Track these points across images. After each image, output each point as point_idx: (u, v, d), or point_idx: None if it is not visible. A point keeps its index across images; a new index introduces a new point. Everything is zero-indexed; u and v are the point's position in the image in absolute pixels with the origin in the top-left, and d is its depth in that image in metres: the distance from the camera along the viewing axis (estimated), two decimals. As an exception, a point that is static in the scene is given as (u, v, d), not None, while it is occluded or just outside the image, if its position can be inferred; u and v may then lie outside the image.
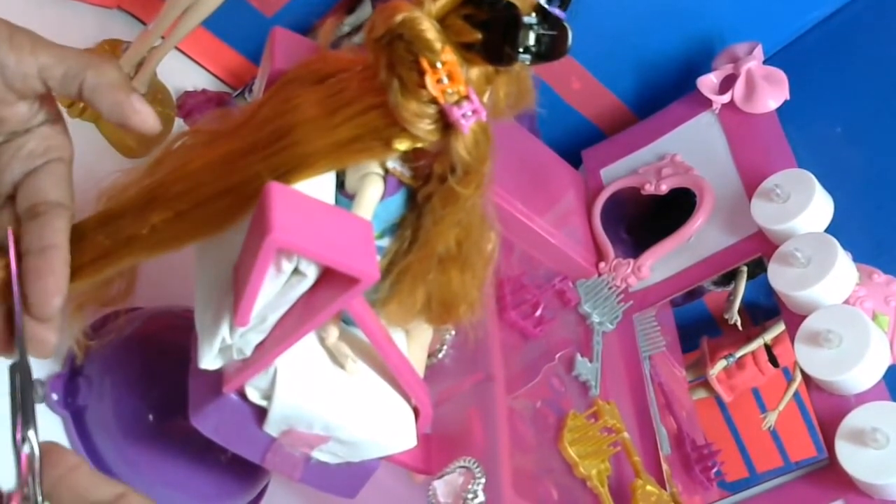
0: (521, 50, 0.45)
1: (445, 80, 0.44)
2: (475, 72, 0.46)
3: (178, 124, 0.85)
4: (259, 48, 0.62)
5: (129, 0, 0.88)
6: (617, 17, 0.92)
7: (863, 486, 0.67)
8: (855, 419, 0.68)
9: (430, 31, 0.44)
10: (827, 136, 0.89)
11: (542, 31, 0.45)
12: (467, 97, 0.45)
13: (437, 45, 0.44)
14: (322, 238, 0.42)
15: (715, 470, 0.88)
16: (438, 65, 0.44)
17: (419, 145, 0.47)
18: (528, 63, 0.45)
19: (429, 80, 0.44)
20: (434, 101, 0.45)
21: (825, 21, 0.93)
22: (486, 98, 0.47)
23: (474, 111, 0.45)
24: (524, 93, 0.50)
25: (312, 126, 0.47)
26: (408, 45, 0.44)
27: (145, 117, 0.46)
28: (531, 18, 0.45)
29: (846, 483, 0.68)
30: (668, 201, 0.91)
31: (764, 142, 0.86)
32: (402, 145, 0.47)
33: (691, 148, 0.91)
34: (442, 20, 0.45)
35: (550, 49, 0.45)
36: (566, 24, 0.45)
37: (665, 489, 0.75)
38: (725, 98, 0.88)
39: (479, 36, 0.45)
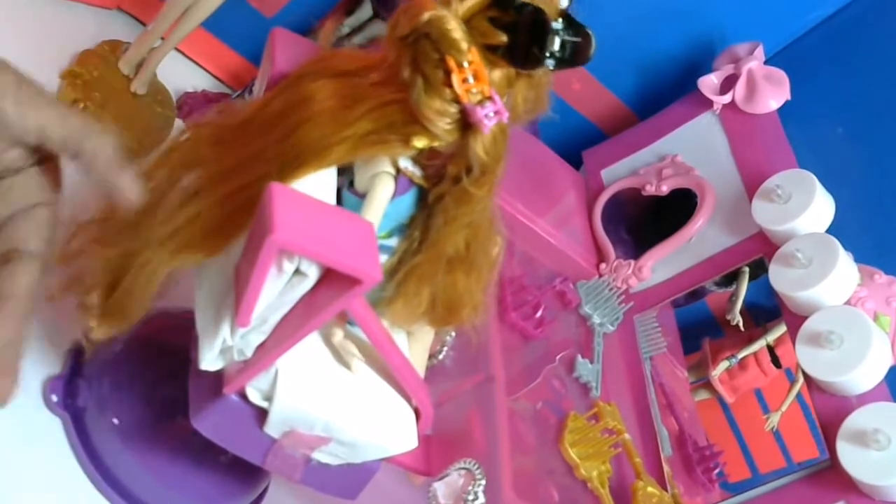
0: (546, 54, 0.45)
1: (471, 80, 0.45)
2: (497, 74, 0.46)
3: (179, 126, 0.85)
4: (259, 49, 0.62)
5: (129, 1, 0.88)
6: (617, 18, 0.92)
7: (864, 487, 0.67)
8: (856, 420, 0.68)
9: (456, 30, 0.44)
10: (828, 137, 0.89)
11: (567, 38, 0.45)
12: (490, 98, 0.45)
13: (464, 45, 0.44)
14: (324, 238, 0.42)
15: (717, 471, 0.88)
16: (465, 64, 0.44)
17: (436, 144, 0.47)
18: (551, 68, 0.46)
19: (455, 78, 0.45)
20: (457, 100, 0.45)
21: (826, 21, 0.93)
22: (504, 101, 0.47)
23: (497, 112, 0.46)
24: (541, 98, 0.50)
25: (329, 117, 0.47)
26: (434, 44, 0.45)
27: (130, 195, 0.45)
28: (558, 24, 0.45)
29: (848, 484, 0.68)
30: (669, 202, 0.91)
31: (765, 142, 0.86)
32: (421, 143, 0.47)
33: (692, 148, 0.91)
34: (468, 21, 0.45)
35: (574, 55, 0.46)
36: (590, 31, 0.46)
37: (666, 490, 0.75)
38: (726, 98, 0.88)
39: (504, 38, 0.45)
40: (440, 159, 0.50)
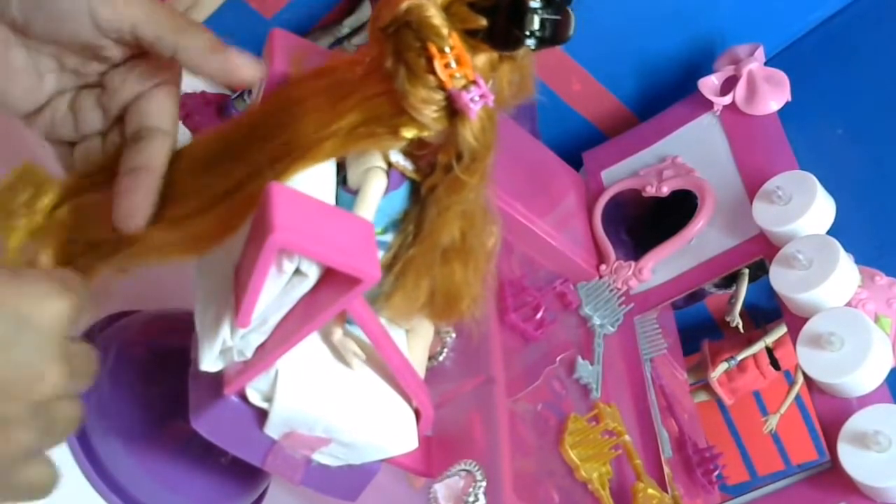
0: (526, 34, 0.45)
1: (454, 65, 0.45)
2: (481, 59, 0.46)
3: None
4: (258, 50, 0.62)
5: (128, 1, 0.88)
6: (618, 19, 0.92)
7: (865, 489, 0.67)
8: (857, 422, 0.68)
9: (436, 17, 0.45)
10: (828, 138, 0.89)
11: (546, 16, 0.45)
12: (475, 82, 0.45)
13: (444, 31, 0.45)
14: (324, 238, 0.42)
15: (716, 473, 0.88)
16: (447, 49, 0.45)
17: (425, 134, 0.47)
18: (532, 48, 0.46)
19: (437, 64, 0.44)
20: (442, 86, 0.45)
21: (826, 22, 0.93)
22: (489, 86, 0.47)
23: (482, 96, 0.46)
24: (526, 81, 0.50)
25: (317, 114, 0.47)
26: (415, 33, 0.45)
27: (248, 69, 0.47)
28: (536, 3, 0.45)
29: (848, 486, 0.68)
30: (670, 203, 0.91)
31: (765, 143, 0.86)
32: (409, 133, 0.47)
33: (692, 150, 0.91)
34: (446, 8, 0.45)
35: (554, 33, 0.46)
36: (570, 9, 0.46)
37: (666, 492, 0.74)
38: (727, 100, 0.88)
39: (483, 22, 0.45)
40: (430, 150, 0.50)
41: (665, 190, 0.90)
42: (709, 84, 0.89)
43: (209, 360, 0.48)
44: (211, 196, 0.47)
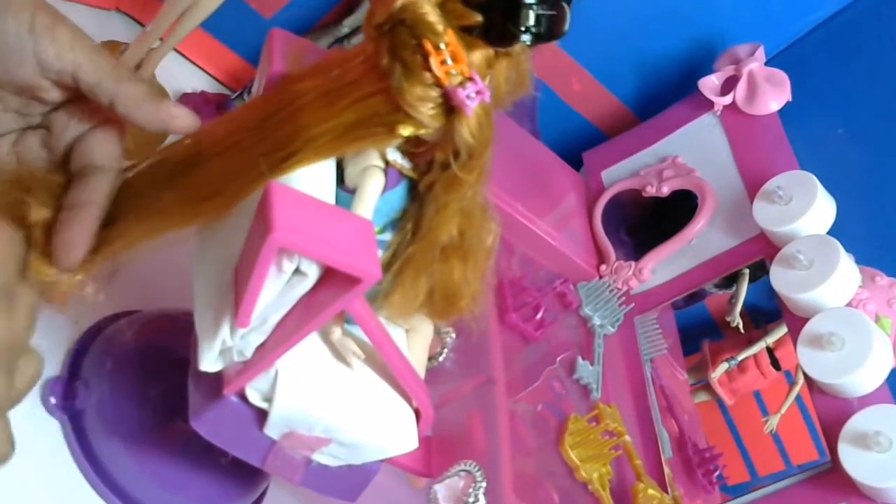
0: (522, 30, 0.45)
1: (449, 62, 0.45)
2: (477, 55, 0.46)
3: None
4: (258, 50, 0.62)
5: (128, 1, 0.88)
6: (618, 19, 0.92)
7: (865, 489, 0.67)
8: (858, 422, 0.68)
9: (431, 13, 0.45)
10: (829, 138, 0.89)
11: (541, 11, 0.45)
12: (471, 79, 0.45)
13: (440, 28, 0.45)
14: (323, 238, 0.42)
15: (717, 473, 0.88)
16: (442, 46, 0.44)
17: (422, 131, 0.47)
18: (528, 43, 0.46)
19: (433, 61, 0.44)
20: (438, 83, 0.45)
21: (827, 22, 0.93)
22: (486, 83, 0.47)
23: (478, 92, 0.46)
24: (522, 78, 0.50)
25: (315, 112, 0.47)
26: (410, 30, 0.45)
27: (182, 120, 0.48)
28: None
29: (849, 486, 0.68)
30: (670, 203, 0.91)
31: (766, 143, 0.86)
32: (406, 131, 0.47)
33: (693, 150, 0.91)
34: (441, 5, 0.45)
35: (550, 29, 0.46)
36: (564, 4, 0.45)
37: (667, 492, 0.74)
38: (727, 99, 0.88)
39: (479, 18, 0.45)
40: (427, 148, 0.50)
41: (665, 190, 0.90)
42: (709, 84, 0.89)
43: (209, 360, 0.48)
44: (212, 178, 0.47)
